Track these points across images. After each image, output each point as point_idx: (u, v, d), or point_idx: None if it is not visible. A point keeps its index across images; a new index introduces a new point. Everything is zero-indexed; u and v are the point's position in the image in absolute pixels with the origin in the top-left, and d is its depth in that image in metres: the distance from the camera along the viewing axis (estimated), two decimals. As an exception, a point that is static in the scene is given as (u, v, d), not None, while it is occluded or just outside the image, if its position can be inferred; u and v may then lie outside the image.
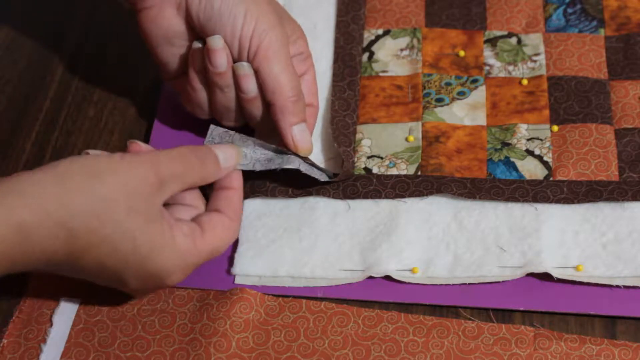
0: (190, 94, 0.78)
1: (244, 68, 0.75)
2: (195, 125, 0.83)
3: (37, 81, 0.88)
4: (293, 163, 0.75)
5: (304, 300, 0.72)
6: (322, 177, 0.77)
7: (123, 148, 0.83)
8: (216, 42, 0.74)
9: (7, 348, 0.71)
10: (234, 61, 0.76)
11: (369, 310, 0.72)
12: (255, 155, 0.75)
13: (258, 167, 0.75)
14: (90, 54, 0.90)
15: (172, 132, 0.83)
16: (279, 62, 0.75)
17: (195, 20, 0.75)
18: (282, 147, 0.76)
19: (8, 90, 0.88)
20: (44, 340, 0.71)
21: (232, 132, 0.76)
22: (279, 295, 0.73)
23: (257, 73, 0.75)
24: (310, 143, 0.77)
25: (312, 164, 0.77)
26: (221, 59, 0.75)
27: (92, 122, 0.85)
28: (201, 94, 0.78)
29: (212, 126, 0.76)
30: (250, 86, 0.76)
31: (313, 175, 0.76)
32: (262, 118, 0.78)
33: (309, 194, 0.78)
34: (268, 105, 0.76)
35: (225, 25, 0.74)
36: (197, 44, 0.76)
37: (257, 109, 0.77)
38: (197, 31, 0.76)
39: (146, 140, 0.83)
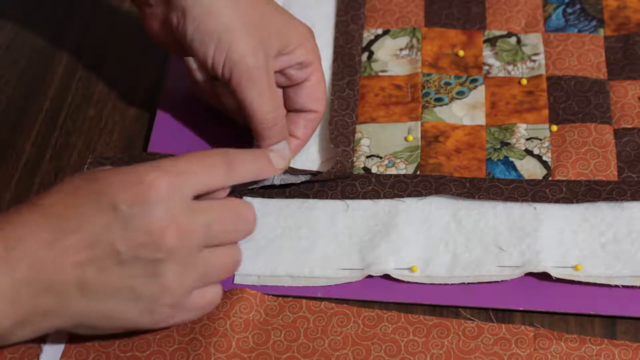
0: (192, 83, 0.80)
1: (222, 87, 0.77)
2: (196, 126, 0.83)
3: (37, 81, 0.88)
4: (268, 179, 0.76)
5: (304, 300, 0.72)
6: (304, 178, 0.77)
7: (123, 148, 0.83)
8: (191, 63, 0.77)
9: (7, 348, 0.71)
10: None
11: (369, 310, 0.72)
12: None
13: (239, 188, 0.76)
14: (90, 54, 0.90)
15: (172, 132, 0.83)
16: (252, 90, 0.75)
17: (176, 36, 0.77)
18: None
19: (8, 90, 0.88)
20: (44, 340, 0.71)
21: None
22: (279, 295, 0.73)
23: (233, 95, 0.76)
24: (286, 160, 0.76)
25: (292, 172, 0.77)
26: (197, 76, 0.78)
27: (92, 122, 0.85)
28: (200, 86, 0.79)
29: None
30: (229, 101, 0.78)
31: (292, 181, 0.77)
32: None
33: (307, 196, 0.78)
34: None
35: (197, 54, 0.76)
36: None
37: (243, 118, 0.78)
38: None
39: (146, 140, 0.83)
